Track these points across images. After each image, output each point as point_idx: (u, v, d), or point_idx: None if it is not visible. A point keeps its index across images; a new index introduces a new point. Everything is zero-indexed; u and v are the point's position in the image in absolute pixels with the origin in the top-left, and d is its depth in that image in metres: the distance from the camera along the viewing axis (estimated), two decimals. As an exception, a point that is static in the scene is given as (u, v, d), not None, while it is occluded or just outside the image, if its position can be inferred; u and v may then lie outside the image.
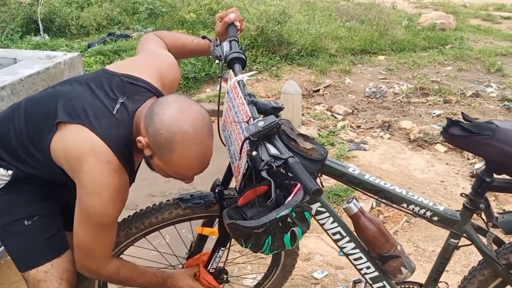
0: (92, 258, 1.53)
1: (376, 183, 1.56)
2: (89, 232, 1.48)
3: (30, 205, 1.59)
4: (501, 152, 1.37)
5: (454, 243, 1.58)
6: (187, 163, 1.40)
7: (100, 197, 1.42)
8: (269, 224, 1.27)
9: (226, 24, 1.70)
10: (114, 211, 1.47)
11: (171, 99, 1.44)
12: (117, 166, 1.44)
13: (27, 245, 1.59)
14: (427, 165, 3.80)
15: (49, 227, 1.61)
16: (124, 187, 1.47)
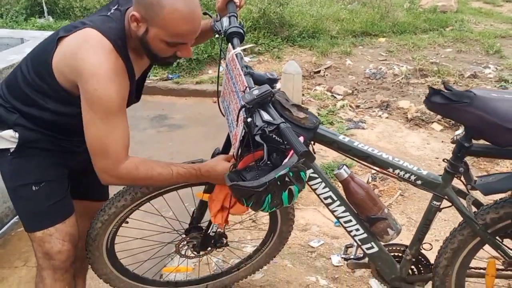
0: (107, 157, 1.53)
1: (365, 149, 1.68)
2: (98, 125, 1.50)
3: (38, 170, 1.67)
4: (479, 119, 1.47)
5: (437, 205, 1.70)
6: (179, 14, 1.45)
7: (98, 78, 1.46)
8: (268, 184, 1.39)
9: (226, 1, 1.80)
10: (115, 93, 1.49)
11: None
12: (111, 49, 1.50)
13: (34, 209, 1.69)
14: (423, 143, 3.91)
15: (55, 193, 1.71)
16: (121, 71, 1.51)
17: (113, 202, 1.81)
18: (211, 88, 5.06)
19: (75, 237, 1.76)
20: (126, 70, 1.55)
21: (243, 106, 1.42)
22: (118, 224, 1.87)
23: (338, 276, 2.43)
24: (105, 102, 1.48)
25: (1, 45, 3.51)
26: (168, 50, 1.55)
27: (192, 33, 1.53)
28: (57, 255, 1.72)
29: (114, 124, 1.51)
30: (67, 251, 1.73)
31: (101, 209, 1.83)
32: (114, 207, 1.80)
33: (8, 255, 2.68)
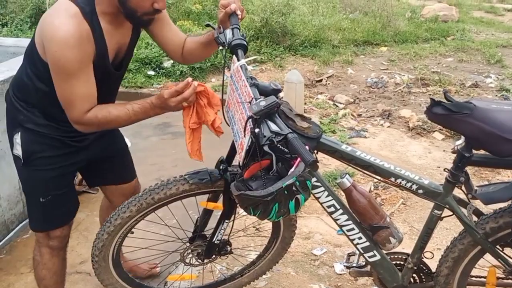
0: (71, 110, 1.66)
1: (367, 159, 1.71)
2: (60, 83, 1.62)
3: (44, 184, 1.85)
4: (479, 129, 1.51)
5: (438, 214, 1.73)
6: None
7: (56, 40, 1.55)
8: (276, 193, 1.42)
9: (228, 13, 1.84)
10: (73, 55, 1.56)
11: None
12: (76, 14, 1.58)
13: (40, 215, 1.91)
14: (425, 152, 3.94)
15: (61, 204, 1.91)
16: (84, 36, 1.59)
17: (118, 213, 1.84)
18: (215, 96, 5.09)
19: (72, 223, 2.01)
20: (92, 35, 1.62)
21: (250, 117, 1.46)
22: (123, 234, 1.90)
23: (341, 284, 2.45)
24: (62, 63, 1.57)
25: (8, 53, 3.56)
26: (145, 2, 1.63)
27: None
28: (56, 238, 1.96)
29: (74, 83, 1.61)
30: (65, 236, 1.99)
31: (107, 221, 1.87)
32: (120, 218, 1.84)
33: (14, 261, 2.71)
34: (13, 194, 2.93)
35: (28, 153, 1.80)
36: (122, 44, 1.81)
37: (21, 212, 3.01)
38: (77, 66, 1.60)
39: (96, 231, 2.80)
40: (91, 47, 1.63)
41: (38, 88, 1.74)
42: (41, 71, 1.69)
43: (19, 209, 2.99)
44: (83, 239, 2.92)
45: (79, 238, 2.92)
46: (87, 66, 1.63)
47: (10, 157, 2.81)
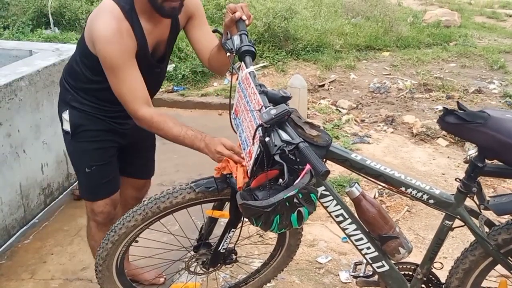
0: (126, 104, 1.82)
1: (377, 168, 1.68)
2: (111, 79, 1.80)
3: (88, 156, 2.06)
4: (493, 139, 1.48)
5: (449, 225, 1.70)
6: None
7: (101, 39, 1.74)
8: (277, 204, 1.39)
9: (234, 19, 1.81)
10: (117, 51, 1.74)
11: None
12: (117, 13, 1.76)
13: (88, 185, 2.14)
14: (429, 158, 3.92)
15: (104, 174, 2.10)
16: (125, 32, 1.76)
17: (123, 222, 1.81)
18: (217, 100, 5.08)
19: (116, 202, 2.18)
20: (133, 32, 1.79)
21: (260, 125, 1.43)
22: (128, 243, 1.87)
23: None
24: (108, 59, 1.76)
25: (10, 56, 3.54)
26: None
27: None
28: (100, 214, 2.15)
29: (121, 77, 1.78)
30: (108, 212, 2.15)
31: (111, 230, 1.84)
32: (125, 227, 1.81)
33: (15, 267, 2.68)
34: (14, 199, 2.90)
35: (75, 127, 2.02)
36: (161, 41, 1.95)
37: (22, 217, 2.98)
38: (121, 59, 1.76)
39: (98, 237, 2.76)
40: (132, 42, 1.79)
41: (85, 75, 1.96)
42: (89, 61, 1.90)
43: (20, 214, 2.96)
44: (84, 245, 2.87)
45: (81, 244, 2.89)
46: (131, 61, 1.79)
47: (12, 162, 2.81)
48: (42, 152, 3.14)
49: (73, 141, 2.06)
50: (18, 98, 2.87)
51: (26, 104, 2.94)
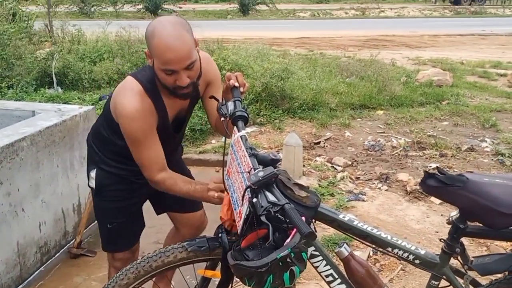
0: (144, 170, 2.03)
1: (364, 228, 1.74)
2: (132, 149, 2.00)
3: (111, 213, 2.25)
4: (472, 202, 1.55)
5: (435, 285, 1.74)
6: (163, 43, 1.79)
7: (124, 117, 1.92)
8: (270, 264, 1.44)
9: (230, 86, 1.94)
10: (139, 128, 1.93)
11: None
12: (140, 92, 1.93)
13: (109, 238, 2.33)
14: (423, 216, 3.96)
15: (125, 231, 2.29)
16: (147, 110, 1.94)
17: (116, 280, 1.85)
18: (214, 157, 5.17)
19: (135, 250, 2.38)
20: (154, 108, 1.97)
21: (249, 187, 1.50)
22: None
23: None
24: (131, 135, 1.96)
25: (13, 117, 3.66)
26: (168, 78, 1.88)
27: (177, 61, 1.82)
28: (119, 260, 2.31)
29: (142, 150, 1.98)
30: (127, 259, 2.29)
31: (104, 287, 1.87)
32: (118, 286, 1.84)
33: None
34: (11, 258, 2.93)
35: (100, 186, 2.22)
36: (182, 110, 2.14)
37: (18, 275, 3.00)
38: (143, 136, 1.95)
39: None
40: (153, 118, 1.98)
41: (111, 139, 2.14)
42: (115, 128, 2.05)
43: (16, 272, 2.97)
44: (79, 304, 2.89)
45: (76, 303, 2.89)
46: (151, 135, 1.98)
47: (10, 220, 2.87)
48: (41, 210, 3.20)
49: (97, 198, 2.28)
50: (20, 157, 2.95)
51: (27, 163, 3.02)
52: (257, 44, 8.77)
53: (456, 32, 16.79)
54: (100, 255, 3.46)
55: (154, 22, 1.88)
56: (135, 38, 8.41)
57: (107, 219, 2.28)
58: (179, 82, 1.86)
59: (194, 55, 1.87)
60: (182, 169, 2.45)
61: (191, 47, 1.85)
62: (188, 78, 1.87)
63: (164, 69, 1.85)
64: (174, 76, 1.86)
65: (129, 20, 16.51)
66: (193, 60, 1.85)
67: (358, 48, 12.83)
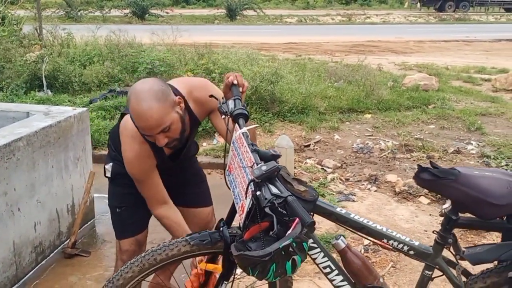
0: (147, 200, 2.24)
1: (360, 221, 1.81)
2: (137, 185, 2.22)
3: (120, 197, 2.43)
4: (463, 194, 1.63)
5: (428, 275, 1.81)
6: (134, 113, 1.94)
7: (127, 161, 2.15)
8: (273, 253, 1.51)
9: (229, 85, 2.01)
10: (138, 171, 2.16)
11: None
12: (139, 139, 2.09)
13: (116, 223, 2.50)
14: (412, 216, 4.05)
15: (132, 215, 2.42)
16: (145, 154, 2.13)
17: (121, 273, 1.90)
18: (206, 160, 5.23)
19: (141, 242, 2.49)
20: (152, 151, 2.14)
21: (252, 180, 1.57)
22: (124, 295, 1.94)
23: None
24: (133, 175, 2.19)
25: (8, 118, 3.67)
26: (149, 138, 2.04)
27: (148, 129, 1.95)
28: (125, 252, 2.44)
29: (145, 186, 2.21)
30: (133, 251, 2.42)
31: (109, 281, 1.92)
32: (122, 279, 1.89)
33: (7, 325, 2.69)
34: (7, 257, 2.95)
35: (115, 174, 2.41)
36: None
37: (14, 275, 3.02)
38: (143, 176, 2.18)
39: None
40: (152, 160, 2.17)
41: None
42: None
43: (12, 272, 2.99)
44: (75, 303, 2.92)
45: (71, 302, 2.92)
46: (151, 174, 2.18)
47: (7, 220, 2.89)
48: (36, 210, 3.22)
49: (111, 185, 2.49)
50: (16, 157, 2.98)
51: (23, 163, 3.05)
52: (246, 49, 8.85)
53: (441, 38, 17.09)
54: (95, 255, 3.49)
55: (131, 88, 2.00)
56: (124, 42, 8.44)
57: (118, 203, 2.45)
58: (157, 143, 2.00)
59: (168, 120, 1.96)
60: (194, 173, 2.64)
61: (162, 114, 1.93)
62: (167, 138, 2.00)
63: (141, 133, 2.03)
64: (152, 137, 2.01)
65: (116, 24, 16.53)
66: (166, 126, 1.96)
67: (345, 54, 12.99)
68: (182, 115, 2.05)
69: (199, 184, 2.63)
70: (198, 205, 2.58)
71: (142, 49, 7.92)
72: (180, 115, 2.03)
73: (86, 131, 3.84)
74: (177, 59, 7.78)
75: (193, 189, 2.58)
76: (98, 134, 5.34)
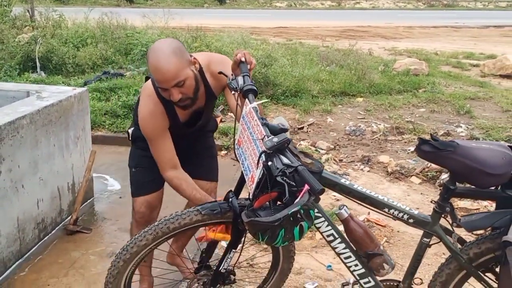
0: (158, 163, 2.32)
1: (363, 191, 1.91)
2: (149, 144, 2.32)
3: (137, 158, 2.58)
4: (462, 164, 1.74)
5: (426, 242, 1.92)
6: (151, 66, 2.08)
7: (141, 118, 2.27)
8: (282, 219, 1.60)
9: (237, 62, 2.08)
10: (150, 128, 2.26)
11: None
12: (154, 98, 2.24)
13: (132, 181, 2.62)
14: (404, 195, 4.18)
15: (146, 176, 2.52)
16: (159, 114, 2.25)
17: (135, 241, 1.98)
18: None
19: (152, 205, 2.56)
20: (165, 112, 2.26)
21: (264, 152, 1.66)
22: (137, 262, 2.03)
23: (333, 315, 2.59)
24: (146, 133, 2.31)
25: (8, 97, 3.70)
26: (164, 93, 2.15)
27: (164, 81, 2.08)
28: (137, 213, 2.55)
29: (156, 146, 2.30)
30: (143, 212, 2.53)
31: (123, 248, 1.99)
32: (136, 246, 1.97)
33: (13, 298, 2.76)
34: (12, 232, 3.01)
35: (134, 137, 2.54)
36: (199, 109, 2.36)
37: (18, 250, 3.08)
38: (154, 134, 2.27)
39: (92, 268, 2.92)
40: (165, 120, 2.27)
41: None
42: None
43: (16, 247, 3.06)
44: (79, 277, 3.01)
45: (76, 276, 3.01)
46: (163, 135, 2.28)
47: (12, 196, 2.96)
48: (39, 187, 3.27)
49: (132, 147, 2.64)
50: (20, 135, 3.02)
51: (26, 141, 3.10)
52: (239, 32, 8.88)
53: (430, 24, 17.21)
54: (95, 232, 3.57)
55: (151, 46, 2.16)
56: (117, 24, 8.42)
57: (134, 164, 2.60)
58: (171, 97, 2.11)
59: (183, 74, 2.08)
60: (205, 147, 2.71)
61: (178, 68, 2.06)
62: (181, 93, 2.11)
63: (158, 86, 2.14)
64: (167, 92, 2.11)
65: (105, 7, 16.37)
66: (181, 80, 2.08)
67: (336, 38, 13.06)
68: (197, 74, 2.18)
69: (207, 158, 2.70)
70: (201, 177, 2.62)
71: (136, 31, 7.91)
72: (194, 74, 2.16)
73: (86, 110, 3.89)
74: (171, 41, 7.78)
75: (201, 161, 2.64)
76: (93, 116, 5.38)
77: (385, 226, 3.53)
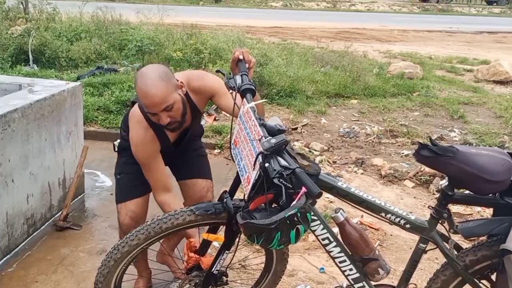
0: (150, 184, 2.39)
1: (360, 195, 1.89)
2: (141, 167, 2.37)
3: (121, 166, 2.59)
4: (460, 170, 1.72)
5: (423, 247, 1.90)
6: (139, 91, 2.10)
7: (133, 145, 2.31)
8: (279, 222, 1.57)
9: (235, 60, 2.05)
10: (142, 154, 2.31)
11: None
12: (144, 125, 2.27)
13: (117, 187, 2.59)
14: (397, 198, 4.17)
15: (130, 182, 2.51)
16: (149, 140, 2.29)
17: (126, 241, 1.94)
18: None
19: (137, 215, 2.49)
20: (156, 136, 2.31)
21: (261, 153, 1.63)
22: (128, 262, 1.99)
23: (325, 319, 2.57)
24: (139, 159, 2.35)
25: (0, 90, 3.65)
26: (153, 118, 2.17)
27: (152, 106, 2.10)
28: (122, 225, 2.51)
29: (149, 171, 2.36)
30: (128, 224, 2.45)
31: (114, 248, 1.96)
32: (128, 246, 1.94)
33: (0, 294, 2.72)
34: (0, 228, 2.96)
35: (121, 148, 2.59)
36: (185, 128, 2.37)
37: (6, 245, 3.04)
38: (147, 159, 2.33)
39: (81, 266, 2.88)
40: (156, 144, 2.33)
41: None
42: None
43: (4, 242, 3.01)
44: (68, 274, 2.97)
45: (65, 273, 2.97)
46: (154, 158, 2.34)
47: (1, 191, 2.95)
48: (29, 182, 3.23)
49: (118, 158, 2.66)
50: (11, 129, 2.97)
51: (17, 135, 3.05)
52: (235, 30, 8.84)
53: (424, 28, 17.25)
54: (86, 229, 3.53)
55: (138, 72, 2.20)
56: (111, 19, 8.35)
57: (119, 171, 2.61)
58: (160, 121, 2.13)
59: (171, 98, 2.11)
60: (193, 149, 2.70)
61: (165, 93, 2.09)
62: (169, 117, 2.13)
63: (147, 111, 2.16)
64: (156, 116, 2.13)
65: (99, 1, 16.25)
66: (169, 104, 2.10)
67: (331, 40, 13.05)
68: (183, 98, 2.21)
69: (197, 157, 2.70)
70: (195, 176, 2.63)
71: (131, 27, 7.84)
72: (181, 97, 2.19)
73: (79, 106, 3.84)
74: (166, 38, 7.74)
75: (191, 161, 2.66)
76: (86, 111, 5.32)
77: (378, 229, 3.51)
